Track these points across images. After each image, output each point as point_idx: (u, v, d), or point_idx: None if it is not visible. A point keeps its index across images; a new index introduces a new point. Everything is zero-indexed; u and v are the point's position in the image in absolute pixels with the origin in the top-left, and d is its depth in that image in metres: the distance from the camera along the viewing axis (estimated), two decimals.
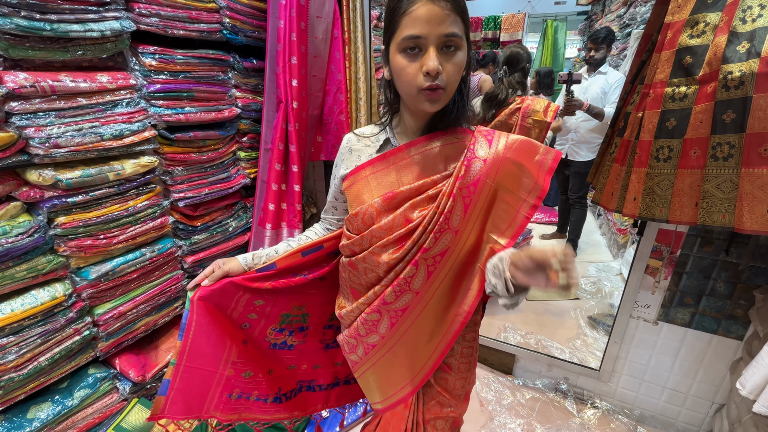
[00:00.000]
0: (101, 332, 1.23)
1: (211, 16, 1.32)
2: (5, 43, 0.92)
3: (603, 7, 4.13)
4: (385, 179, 0.76)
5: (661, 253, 1.34)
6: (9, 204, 1.00)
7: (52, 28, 0.97)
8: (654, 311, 1.42)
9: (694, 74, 0.91)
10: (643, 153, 0.98)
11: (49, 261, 1.08)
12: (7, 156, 0.96)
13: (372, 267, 0.77)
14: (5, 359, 1.01)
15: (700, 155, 0.87)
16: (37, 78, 0.97)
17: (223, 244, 1.56)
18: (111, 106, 1.13)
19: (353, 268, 0.80)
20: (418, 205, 0.73)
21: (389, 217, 0.73)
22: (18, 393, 1.07)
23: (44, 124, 1.00)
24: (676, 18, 0.96)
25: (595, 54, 2.49)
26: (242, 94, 1.50)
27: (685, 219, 0.91)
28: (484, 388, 1.71)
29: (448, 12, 0.59)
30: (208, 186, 1.46)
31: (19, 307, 1.03)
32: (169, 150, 1.31)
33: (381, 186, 0.76)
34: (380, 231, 0.74)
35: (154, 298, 1.36)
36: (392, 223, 0.73)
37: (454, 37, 0.61)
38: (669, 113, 0.94)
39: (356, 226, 0.78)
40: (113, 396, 1.29)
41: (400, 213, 0.73)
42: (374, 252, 0.75)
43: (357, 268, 0.79)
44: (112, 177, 1.15)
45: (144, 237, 1.28)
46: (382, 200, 0.74)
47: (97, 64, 1.13)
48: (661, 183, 0.94)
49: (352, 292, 0.85)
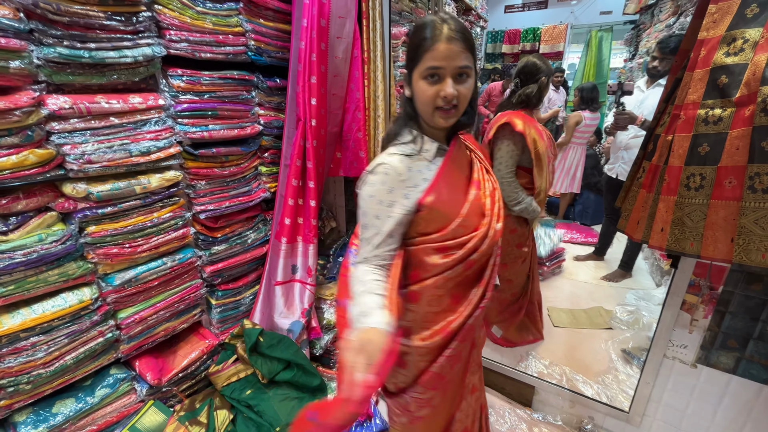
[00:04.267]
0: (123, 335, 1.31)
1: (237, 39, 1.40)
2: (49, 70, 1.02)
3: (652, 16, 3.90)
4: (452, 179, 0.86)
5: (699, 288, 1.21)
6: (46, 214, 1.10)
7: (91, 56, 1.06)
8: (692, 352, 1.28)
9: (730, 96, 0.82)
10: (672, 180, 0.89)
11: (79, 267, 1.17)
12: (47, 170, 1.06)
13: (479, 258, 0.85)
14: (35, 356, 1.10)
15: (736, 185, 0.78)
16: (76, 100, 1.06)
17: (241, 255, 1.61)
18: (140, 124, 1.21)
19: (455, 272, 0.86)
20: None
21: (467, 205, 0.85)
22: (45, 388, 1.16)
23: (79, 141, 1.09)
24: (711, 34, 0.88)
25: (659, 65, 2.18)
26: (265, 112, 1.56)
27: (719, 255, 0.81)
28: (498, 419, 1.61)
29: (461, 50, 0.76)
30: (229, 199, 1.52)
31: (50, 308, 1.12)
32: (193, 165, 1.38)
33: (452, 185, 0.86)
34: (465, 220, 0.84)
35: (174, 304, 1.43)
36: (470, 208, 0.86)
37: (466, 68, 0.78)
38: (702, 137, 0.85)
39: (453, 229, 0.83)
40: (131, 396, 1.35)
41: (473, 199, 0.86)
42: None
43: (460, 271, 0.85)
44: (139, 190, 1.23)
45: (166, 246, 1.35)
46: (475, 194, 0.87)
47: (131, 86, 1.22)
48: (692, 214, 0.85)
49: (452, 300, 0.88)
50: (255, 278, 1.70)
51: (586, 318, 2.30)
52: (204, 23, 1.29)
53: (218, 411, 1.42)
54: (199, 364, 1.52)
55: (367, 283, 0.76)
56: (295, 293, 1.64)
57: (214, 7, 1.31)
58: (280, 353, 1.52)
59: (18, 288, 1.06)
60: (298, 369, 1.55)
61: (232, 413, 1.44)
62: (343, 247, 1.93)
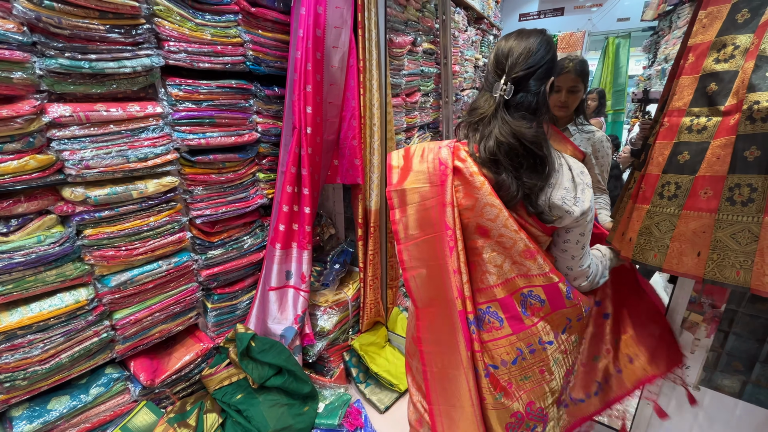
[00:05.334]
0: (118, 336, 1.34)
1: (236, 50, 1.44)
2: (51, 80, 1.07)
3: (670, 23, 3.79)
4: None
5: (701, 305, 1.14)
6: (46, 216, 1.15)
7: (91, 66, 1.12)
8: (695, 373, 1.21)
9: (718, 104, 0.78)
10: (648, 188, 0.86)
11: (76, 268, 1.21)
12: (47, 175, 1.11)
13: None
14: (31, 353, 1.14)
15: (711, 197, 0.74)
16: (76, 108, 1.12)
17: (237, 260, 1.64)
18: (138, 132, 1.26)
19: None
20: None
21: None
22: (41, 384, 1.20)
23: (78, 148, 1.14)
24: (699, 39, 0.84)
25: None
26: (263, 120, 1.60)
27: (682, 269, 0.77)
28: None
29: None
30: (226, 205, 1.55)
31: (47, 307, 1.16)
32: (190, 171, 1.42)
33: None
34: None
35: (169, 307, 1.46)
36: None
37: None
38: (683, 146, 0.81)
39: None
40: (125, 396, 1.38)
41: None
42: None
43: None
44: (136, 195, 1.27)
45: (162, 250, 1.39)
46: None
47: (131, 95, 1.27)
48: (660, 224, 0.81)
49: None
50: (252, 283, 1.72)
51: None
52: (203, 34, 1.34)
53: (208, 414, 1.43)
54: (193, 366, 1.54)
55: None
56: (289, 299, 1.65)
57: (213, 19, 1.36)
58: (271, 359, 1.52)
59: (17, 287, 1.11)
60: (289, 375, 1.55)
61: (222, 417, 1.45)
62: (341, 254, 1.93)
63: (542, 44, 0.81)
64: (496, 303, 0.87)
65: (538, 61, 0.79)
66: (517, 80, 0.80)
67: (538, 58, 0.79)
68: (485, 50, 5.15)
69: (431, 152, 0.87)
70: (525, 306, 0.86)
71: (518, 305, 0.86)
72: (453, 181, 0.83)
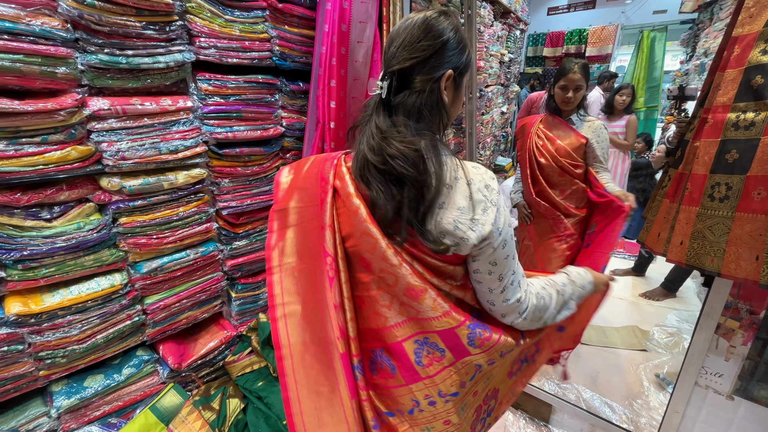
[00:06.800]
0: (149, 320, 1.41)
1: (263, 45, 1.47)
2: (91, 75, 1.13)
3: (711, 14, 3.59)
4: None
5: (738, 311, 1.09)
6: (85, 204, 1.22)
7: (128, 62, 1.17)
8: (728, 382, 1.15)
9: (765, 98, 0.74)
10: (696, 189, 0.82)
11: (111, 254, 1.28)
12: (86, 165, 1.17)
13: None
14: (70, 333, 1.21)
15: (765, 197, 0.70)
16: (113, 102, 1.17)
17: (261, 251, 1.68)
18: (170, 125, 1.30)
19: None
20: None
21: None
22: (78, 363, 1.27)
23: (115, 139, 1.20)
24: (746, 30, 0.79)
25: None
26: (288, 114, 1.62)
27: (741, 275, 0.73)
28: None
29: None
30: (251, 197, 1.59)
31: (85, 290, 1.23)
32: (218, 163, 1.47)
33: None
34: None
35: (195, 294, 1.52)
36: None
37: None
38: (730, 143, 0.77)
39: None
40: (154, 378, 1.45)
41: None
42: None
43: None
44: (167, 186, 1.33)
45: (190, 239, 1.44)
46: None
47: (163, 89, 1.32)
48: (714, 227, 0.77)
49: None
50: None
51: (617, 337, 2.14)
52: (232, 30, 1.37)
53: (231, 399, 1.48)
54: (217, 353, 1.60)
55: (550, 281, 0.79)
56: None
57: (242, 15, 1.39)
58: None
59: (58, 270, 1.18)
60: None
61: (244, 402, 1.50)
62: None
63: (429, 30, 0.63)
64: (387, 347, 0.70)
65: (423, 51, 0.62)
66: (397, 75, 0.64)
67: (421, 48, 0.62)
68: (511, 45, 5.04)
69: (316, 166, 0.72)
70: (421, 355, 0.69)
71: (411, 354, 0.69)
72: (335, 200, 0.68)
